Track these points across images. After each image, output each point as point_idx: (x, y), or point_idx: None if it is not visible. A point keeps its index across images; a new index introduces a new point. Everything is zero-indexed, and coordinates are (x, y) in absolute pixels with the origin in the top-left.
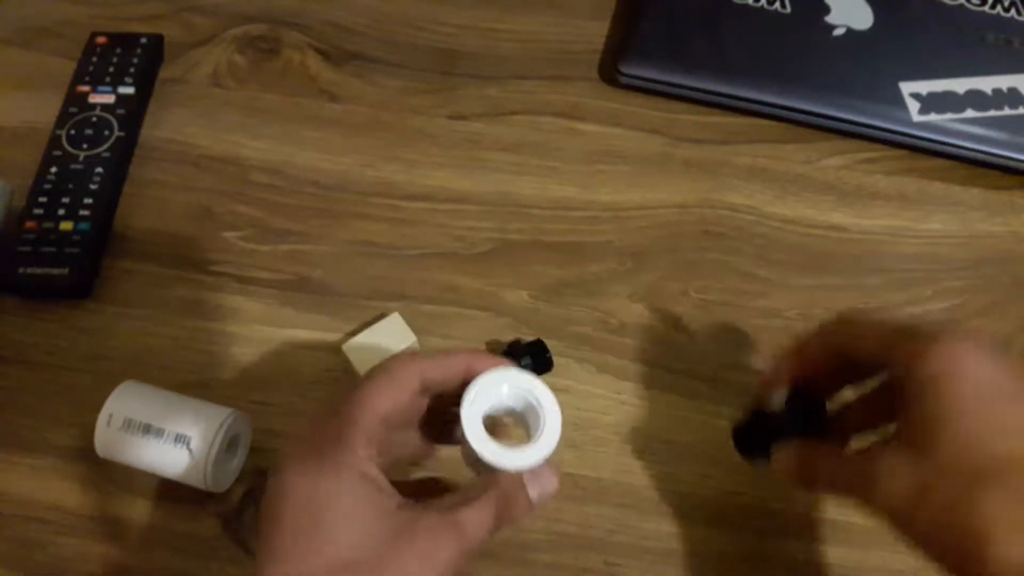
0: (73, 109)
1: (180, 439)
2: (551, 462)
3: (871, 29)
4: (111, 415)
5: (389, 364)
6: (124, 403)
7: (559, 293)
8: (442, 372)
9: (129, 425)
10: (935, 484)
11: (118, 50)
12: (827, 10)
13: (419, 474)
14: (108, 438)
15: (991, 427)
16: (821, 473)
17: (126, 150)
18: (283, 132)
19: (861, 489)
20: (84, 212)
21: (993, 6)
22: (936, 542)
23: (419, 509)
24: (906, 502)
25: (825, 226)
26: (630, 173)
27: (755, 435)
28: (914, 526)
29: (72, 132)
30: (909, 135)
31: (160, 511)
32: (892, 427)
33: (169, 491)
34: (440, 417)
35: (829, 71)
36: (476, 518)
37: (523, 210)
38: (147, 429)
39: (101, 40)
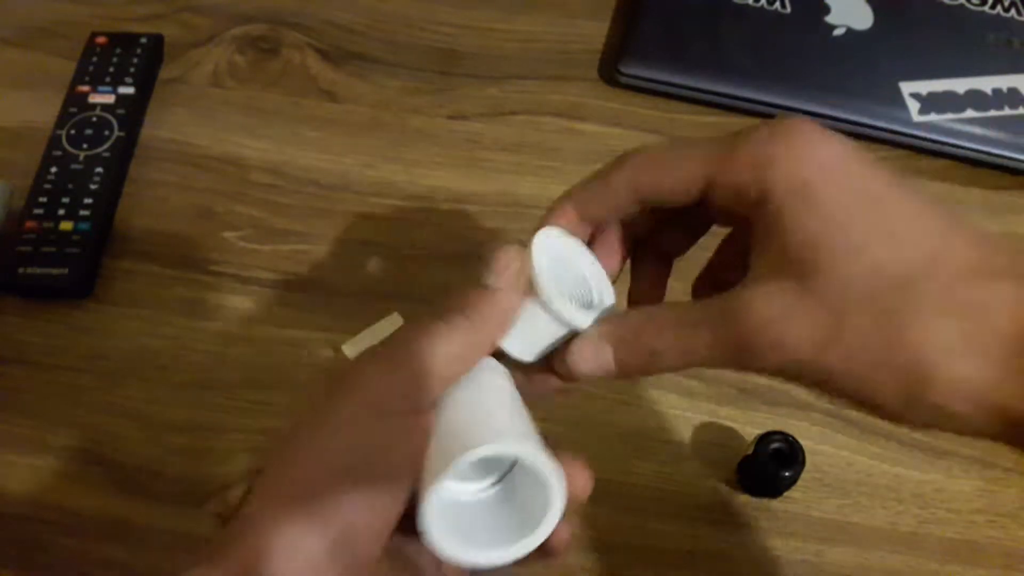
0: (73, 109)
1: None
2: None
3: (871, 29)
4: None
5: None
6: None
7: None
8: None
9: None
10: (842, 318)
11: (118, 50)
12: (827, 10)
13: None
14: None
15: (887, 232)
16: (664, 343)
17: (126, 150)
18: (283, 132)
19: (733, 346)
20: (84, 212)
21: (993, 6)
22: (857, 381)
23: None
24: (808, 345)
25: None
26: None
27: (750, 478)
28: (823, 369)
29: (72, 132)
30: (909, 135)
31: (160, 511)
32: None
33: (169, 491)
34: None
35: (829, 71)
36: None
37: (523, 210)
38: None
39: (101, 40)
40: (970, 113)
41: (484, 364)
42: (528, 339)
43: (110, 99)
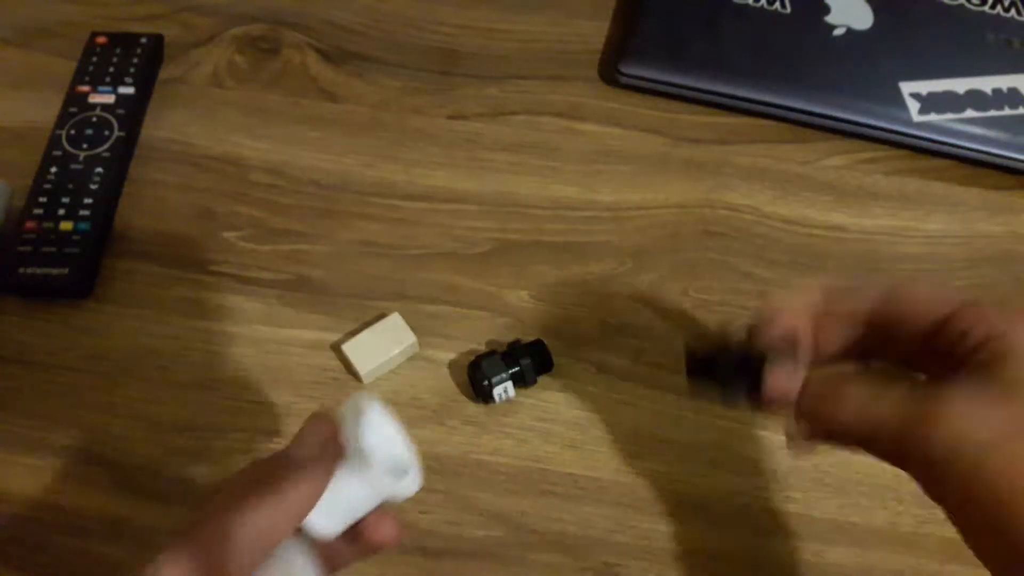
0: (73, 109)
1: None
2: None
3: (871, 29)
4: None
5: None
6: None
7: (559, 293)
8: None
9: None
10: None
11: (118, 50)
12: (827, 10)
13: None
14: None
15: None
16: (851, 403)
17: (126, 150)
18: (283, 132)
19: (911, 425)
20: (84, 212)
21: (993, 6)
22: (1005, 488)
23: None
24: (978, 446)
25: (825, 226)
26: (630, 173)
27: (715, 366)
28: (979, 471)
29: (72, 132)
30: (909, 135)
31: (160, 511)
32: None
33: (169, 491)
34: None
35: (829, 71)
36: None
37: (523, 210)
38: None
39: (101, 40)
40: (970, 113)
41: (288, 540)
42: (338, 510)
43: (110, 99)
